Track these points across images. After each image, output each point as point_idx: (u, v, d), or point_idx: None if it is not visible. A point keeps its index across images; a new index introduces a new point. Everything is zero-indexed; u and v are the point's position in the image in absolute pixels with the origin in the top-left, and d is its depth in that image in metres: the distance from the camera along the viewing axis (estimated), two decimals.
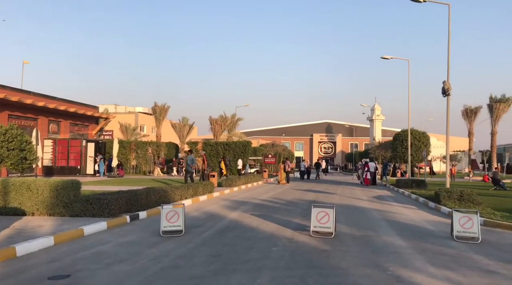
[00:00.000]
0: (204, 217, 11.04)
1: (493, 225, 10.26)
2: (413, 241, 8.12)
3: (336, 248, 7.35)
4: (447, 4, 16.51)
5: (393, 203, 15.79)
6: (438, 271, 5.89)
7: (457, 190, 14.28)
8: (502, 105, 39.83)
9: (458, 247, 7.70)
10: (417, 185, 21.86)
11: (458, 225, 8.40)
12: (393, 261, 6.44)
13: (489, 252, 7.31)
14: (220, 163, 29.68)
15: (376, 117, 71.61)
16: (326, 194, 19.33)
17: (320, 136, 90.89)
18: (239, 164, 30.75)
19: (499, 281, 5.50)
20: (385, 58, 26.84)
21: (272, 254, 6.80)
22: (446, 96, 16.73)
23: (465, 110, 44.25)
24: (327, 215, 8.46)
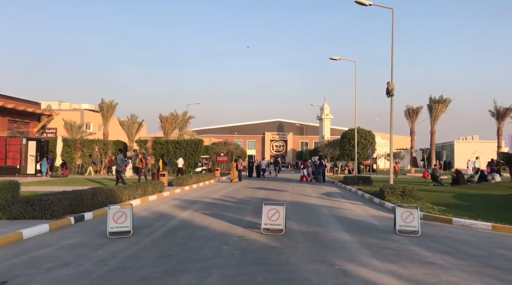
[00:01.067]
0: (153, 217, 10.79)
1: (431, 219, 10.91)
2: (359, 236, 8.44)
3: (286, 244, 7.48)
4: (390, 8, 17.29)
5: (341, 200, 16.32)
6: (381, 264, 6.16)
7: (399, 186, 15.02)
8: (440, 106, 42.41)
9: (400, 240, 8.10)
10: (363, 181, 22.75)
11: (400, 220, 8.84)
12: (341, 256, 6.66)
13: (428, 244, 7.76)
14: (158, 161, 29.37)
15: (325, 116, 73.63)
16: (277, 191, 19.59)
17: (272, 134, 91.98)
18: (179, 162, 30.09)
19: (436, 271, 5.85)
20: (333, 59, 27.64)
21: (223, 253, 6.79)
22: (390, 96, 17.53)
23: (408, 110, 46.62)
24: (277, 213, 8.58)
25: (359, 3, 17.54)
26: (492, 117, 43.44)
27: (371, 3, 17.57)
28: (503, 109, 42.56)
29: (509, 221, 10.04)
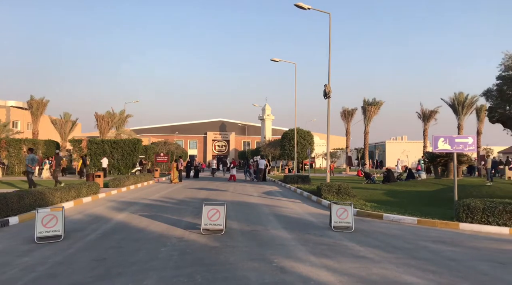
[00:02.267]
0: (87, 220, 10.30)
1: (364, 215, 11.50)
2: (297, 233, 8.68)
3: (226, 244, 7.49)
4: (327, 13, 17.95)
5: (281, 198, 16.66)
6: (317, 260, 6.39)
7: (335, 184, 15.66)
8: (373, 108, 44.79)
9: (335, 236, 8.45)
10: (302, 180, 23.40)
11: (336, 216, 9.23)
12: (279, 253, 6.81)
13: (360, 239, 8.17)
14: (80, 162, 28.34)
15: (267, 116, 74.72)
16: (218, 191, 19.54)
17: (214, 134, 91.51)
18: (104, 163, 28.79)
19: (367, 264, 6.18)
20: (274, 61, 28.13)
21: (161, 255, 6.65)
22: (327, 98, 18.19)
23: (343, 112, 48.70)
24: (218, 213, 8.57)
25: (298, 6, 18.01)
26: (419, 119, 46.68)
27: (310, 7, 18.12)
28: (428, 112, 45.90)
29: (432, 215, 10.87)
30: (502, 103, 14.97)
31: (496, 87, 15.08)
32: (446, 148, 11.72)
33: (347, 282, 5.27)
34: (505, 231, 9.14)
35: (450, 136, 11.69)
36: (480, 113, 43.53)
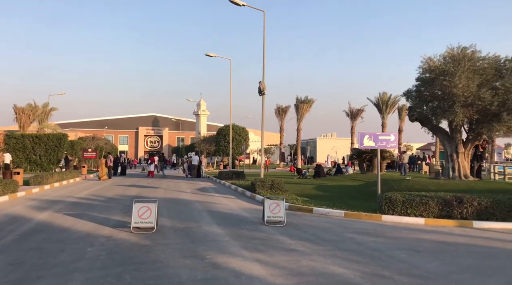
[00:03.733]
0: (4, 221, 9.48)
1: (295, 209, 11.85)
2: (230, 229, 8.71)
3: (157, 242, 7.31)
4: (262, 10, 18.17)
5: (214, 194, 16.62)
6: (250, 254, 6.47)
7: (269, 180, 15.96)
8: (305, 105, 46.26)
9: (268, 231, 8.61)
10: (236, 176, 23.54)
11: (269, 211, 9.40)
12: (212, 249, 6.79)
13: (292, 233, 8.41)
14: None
15: (202, 112, 73.99)
16: (150, 188, 19.01)
17: (146, 129, 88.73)
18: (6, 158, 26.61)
19: (298, 257, 6.38)
20: (209, 56, 27.90)
21: (87, 255, 6.32)
22: (261, 95, 18.45)
23: (278, 109, 49.74)
24: (149, 210, 8.33)
25: (233, 2, 18.01)
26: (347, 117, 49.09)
27: (244, 4, 18.20)
28: (356, 110, 48.42)
29: (358, 208, 11.49)
30: (420, 103, 16.23)
31: (415, 88, 16.30)
32: (371, 145, 12.43)
33: (278, 274, 5.40)
34: (421, 221, 9.93)
35: (375, 133, 12.43)
36: (402, 112, 46.76)
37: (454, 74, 14.10)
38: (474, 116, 14.93)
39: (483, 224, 9.54)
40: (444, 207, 10.05)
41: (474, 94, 14.00)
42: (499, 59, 14.66)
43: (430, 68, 15.30)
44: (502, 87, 13.90)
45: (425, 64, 15.53)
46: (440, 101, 15.21)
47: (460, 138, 16.06)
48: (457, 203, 10.00)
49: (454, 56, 14.68)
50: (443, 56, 15.08)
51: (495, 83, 14.37)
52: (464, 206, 9.92)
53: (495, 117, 14.33)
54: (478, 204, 9.89)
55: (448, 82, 14.20)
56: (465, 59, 14.32)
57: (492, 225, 9.49)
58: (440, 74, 14.63)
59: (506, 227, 9.37)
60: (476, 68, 14.42)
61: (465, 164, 16.08)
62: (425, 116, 16.40)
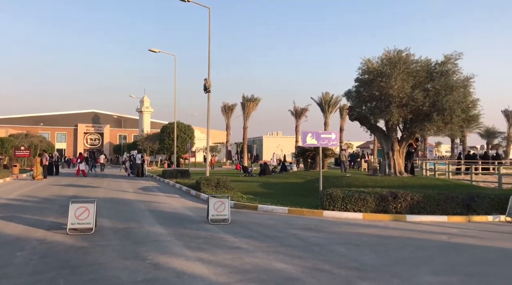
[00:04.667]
0: None
1: (240, 207, 11.90)
2: (173, 228, 8.56)
3: (96, 243, 7.01)
4: (207, 7, 18.01)
5: (158, 193, 16.25)
6: (193, 254, 6.39)
7: (214, 178, 15.89)
8: (252, 104, 46.61)
9: (212, 229, 8.57)
10: (181, 175, 23.17)
11: (213, 210, 9.35)
12: (153, 250, 6.63)
13: (236, 231, 8.43)
14: None
15: (145, 109, 71.95)
16: (89, 188, 18.18)
17: (86, 126, 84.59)
18: None
19: (241, 255, 6.41)
20: (153, 51, 27.19)
21: (17, 260, 5.91)
22: (207, 92, 18.29)
23: (224, 107, 49.68)
24: (87, 211, 7.96)
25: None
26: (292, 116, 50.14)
27: (190, 0, 17.93)
28: (300, 109, 49.59)
29: (301, 204, 11.78)
30: (360, 103, 16.92)
31: (355, 88, 16.97)
32: (313, 143, 12.78)
33: (221, 273, 5.39)
34: (359, 216, 10.38)
35: (317, 132, 12.79)
36: (343, 112, 48.57)
37: (391, 76, 14.85)
38: (408, 116, 15.83)
39: (415, 218, 10.17)
40: (381, 202, 10.58)
41: (408, 95, 14.84)
42: (430, 63, 15.66)
43: (368, 70, 16.00)
44: (433, 89, 14.86)
45: (364, 66, 16.21)
46: (378, 102, 15.96)
47: (395, 137, 16.96)
48: (392, 198, 10.57)
49: (391, 58, 15.46)
50: (380, 58, 15.82)
51: (426, 85, 15.32)
52: (399, 201, 10.51)
53: (426, 117, 15.28)
54: (411, 199, 10.53)
55: (385, 83, 14.93)
56: (400, 61, 15.14)
57: (423, 219, 10.14)
58: (378, 76, 15.34)
59: (435, 220, 10.05)
60: (410, 71, 15.30)
61: (400, 161, 17.02)
62: (364, 115, 17.13)
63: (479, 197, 10.64)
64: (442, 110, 14.53)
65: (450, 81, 14.78)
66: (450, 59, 15.16)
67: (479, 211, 10.48)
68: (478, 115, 15.66)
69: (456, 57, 15.13)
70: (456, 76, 15.09)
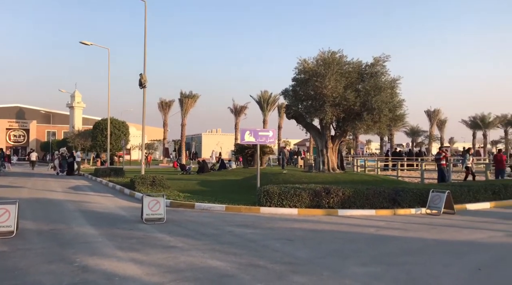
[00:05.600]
0: None
1: (177, 205, 11.70)
2: (105, 229, 8.20)
3: (17, 247, 6.52)
4: (143, 0, 17.42)
5: (89, 193, 15.49)
6: (125, 254, 6.17)
7: (150, 176, 15.46)
8: (190, 100, 45.90)
9: (146, 229, 8.33)
10: (115, 173, 22.27)
11: (148, 209, 9.10)
12: (82, 252, 6.30)
13: (172, 229, 8.27)
14: None
15: (77, 104, 68.17)
16: (12, 188, 16.86)
17: (9, 122, 78.09)
18: None
19: (176, 254, 6.30)
20: (84, 44, 25.80)
21: None
22: (142, 88, 17.73)
23: (161, 103, 48.37)
24: (7, 212, 7.38)
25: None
26: (231, 113, 50.22)
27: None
28: (239, 107, 49.79)
29: (238, 202, 11.83)
30: (296, 102, 17.39)
31: (291, 87, 17.41)
32: (251, 140, 12.90)
33: (154, 273, 5.26)
34: (294, 212, 10.66)
35: (255, 129, 12.93)
36: (281, 110, 49.53)
37: (325, 76, 15.42)
38: (341, 115, 16.55)
39: (346, 212, 10.66)
40: (315, 198, 10.95)
41: (341, 95, 15.51)
42: (361, 64, 16.50)
43: (304, 70, 16.48)
44: (363, 90, 15.67)
45: (301, 66, 16.67)
46: (313, 101, 16.51)
47: (329, 135, 17.65)
48: (325, 193, 10.97)
49: (325, 59, 16.05)
50: (316, 59, 16.37)
51: (358, 85, 16.12)
52: (331, 196, 10.95)
53: (357, 116, 16.09)
54: (343, 194, 11.01)
55: (319, 83, 15.47)
56: (334, 62, 15.78)
57: (353, 213, 10.65)
58: (313, 76, 15.86)
59: (364, 214, 10.61)
60: (343, 71, 16.00)
61: (333, 158, 17.75)
62: (300, 114, 17.63)
63: (403, 192, 11.39)
64: (371, 110, 15.35)
65: (378, 82, 15.65)
66: (378, 61, 16.05)
67: (403, 205, 11.21)
68: (404, 115, 16.80)
69: (384, 59, 16.06)
70: (384, 77, 16.03)
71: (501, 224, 9.30)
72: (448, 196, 10.69)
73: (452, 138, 75.99)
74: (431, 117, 56.32)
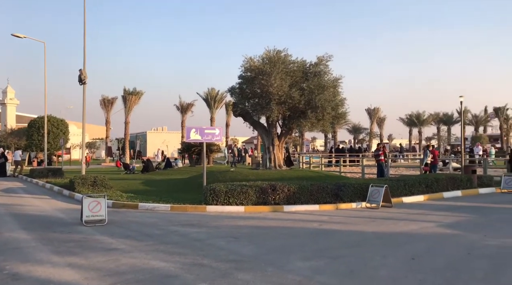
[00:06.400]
0: None
1: (120, 206, 11.31)
2: (40, 233, 7.74)
3: None
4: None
5: (24, 195, 14.55)
6: (62, 259, 5.86)
7: (91, 177, 14.81)
8: (134, 97, 44.49)
9: (86, 231, 7.97)
10: (53, 174, 21.09)
11: (88, 210, 8.71)
12: (13, 258, 5.90)
13: (114, 231, 7.98)
14: None
15: (9, 101, 63.39)
16: None
17: None
18: None
19: (117, 256, 6.08)
20: (17, 37, 24.06)
21: None
22: (82, 84, 16.91)
23: (103, 100, 46.47)
24: None
25: None
26: (178, 111, 49.39)
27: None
28: (186, 104, 49.09)
29: (185, 200, 11.68)
30: (243, 99, 17.42)
31: (238, 85, 17.40)
32: (197, 138, 12.76)
33: (94, 277, 5.05)
34: (241, 209, 10.70)
35: (201, 127, 12.80)
36: (229, 108, 49.45)
37: (271, 74, 15.58)
38: (287, 113, 16.82)
39: (291, 208, 10.87)
40: (261, 195, 11.06)
41: (286, 93, 15.75)
42: (305, 63, 16.86)
43: (251, 67, 16.54)
44: (308, 88, 16.02)
45: (247, 63, 16.71)
46: (259, 99, 16.62)
47: (275, 132, 17.88)
48: (271, 190, 11.12)
49: (271, 58, 16.20)
50: (261, 57, 16.49)
51: (302, 84, 16.44)
52: (277, 193, 11.12)
53: (302, 114, 16.43)
54: (288, 190, 11.22)
55: (265, 81, 15.61)
56: (279, 61, 15.97)
57: (298, 208, 10.89)
58: (259, 74, 15.96)
59: (308, 209, 10.88)
60: (288, 70, 16.25)
61: (280, 155, 18.01)
62: (247, 111, 17.68)
63: (345, 187, 11.82)
64: (315, 108, 15.75)
65: (322, 81, 16.08)
66: (322, 61, 16.48)
67: (345, 199, 11.64)
68: (346, 113, 17.42)
69: (327, 59, 16.52)
70: (327, 76, 16.49)
71: (432, 215, 9.95)
72: (386, 190, 11.25)
73: (391, 135, 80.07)
74: (371, 115, 58.97)
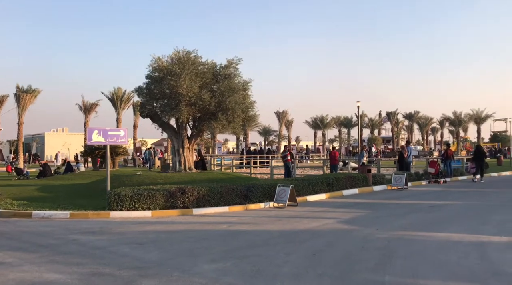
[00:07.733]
0: None
1: (9, 215, 10.22)
2: None
3: None
4: None
5: None
6: None
7: None
8: (29, 96, 40.57)
9: None
10: None
11: None
12: None
13: (1, 243, 7.18)
14: None
15: None
16: None
17: None
18: None
19: (4, 271, 5.46)
20: None
21: None
22: None
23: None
24: None
25: None
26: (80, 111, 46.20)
27: None
28: (90, 104, 46.15)
29: (86, 207, 10.93)
30: (151, 100, 16.87)
31: (146, 85, 16.81)
32: (100, 140, 12.03)
33: None
34: (148, 214, 10.34)
35: (104, 128, 12.09)
36: (136, 108, 47.52)
37: (180, 75, 15.33)
38: (197, 114, 16.70)
39: (201, 211, 10.80)
40: (169, 199, 10.80)
41: (196, 94, 15.63)
42: (215, 66, 16.91)
43: (159, 67, 16.11)
44: (218, 90, 16.08)
45: (155, 63, 16.25)
46: (169, 100, 16.25)
47: (185, 134, 17.64)
48: (180, 193, 10.93)
49: (180, 58, 15.96)
50: (170, 57, 16.16)
51: (213, 86, 16.47)
52: (186, 196, 10.95)
53: (213, 116, 16.44)
54: (197, 193, 11.12)
55: (174, 82, 15.31)
56: (189, 62, 15.80)
57: (208, 211, 10.86)
58: (168, 74, 15.61)
59: (218, 211, 10.91)
60: (198, 72, 16.15)
61: (190, 157, 17.81)
62: (155, 113, 17.17)
63: (254, 188, 12.08)
64: (225, 110, 15.88)
65: (232, 83, 16.27)
66: (232, 64, 16.69)
67: (254, 200, 11.90)
68: (256, 115, 17.85)
69: (237, 62, 16.76)
70: (237, 79, 16.73)
71: (333, 213, 10.64)
72: (292, 190, 11.75)
73: (298, 137, 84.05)
74: (280, 118, 61.19)
